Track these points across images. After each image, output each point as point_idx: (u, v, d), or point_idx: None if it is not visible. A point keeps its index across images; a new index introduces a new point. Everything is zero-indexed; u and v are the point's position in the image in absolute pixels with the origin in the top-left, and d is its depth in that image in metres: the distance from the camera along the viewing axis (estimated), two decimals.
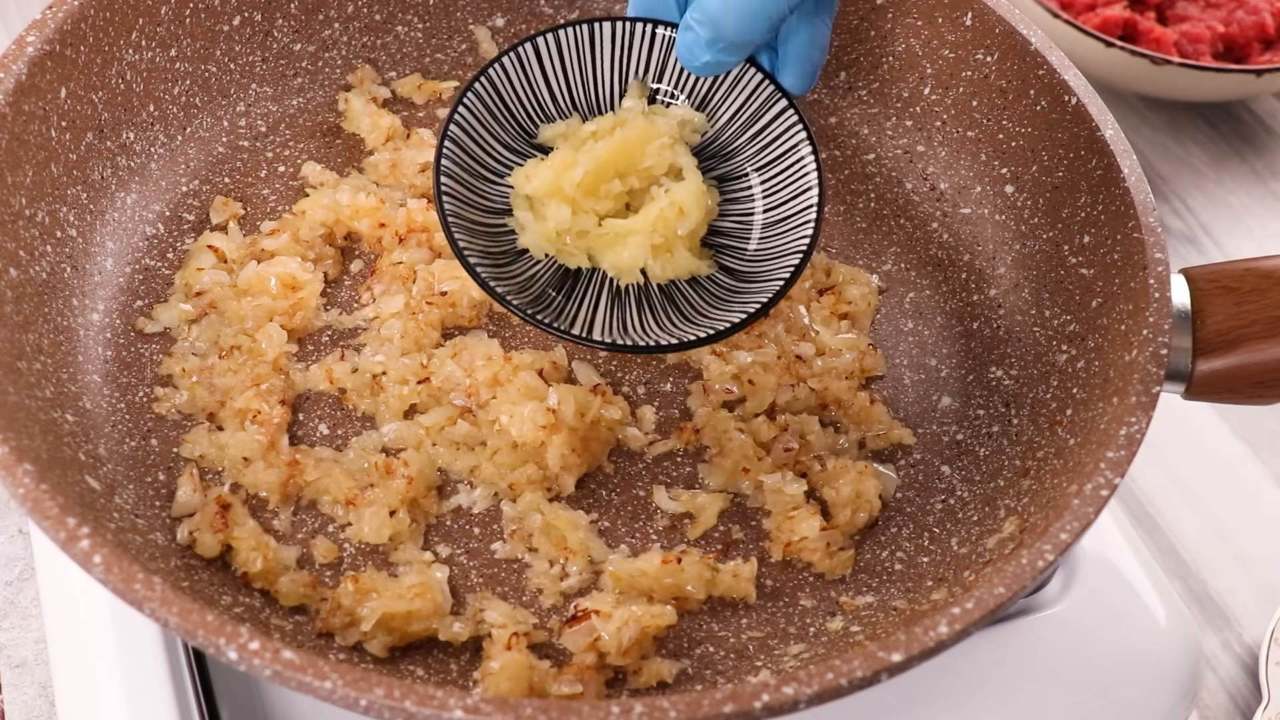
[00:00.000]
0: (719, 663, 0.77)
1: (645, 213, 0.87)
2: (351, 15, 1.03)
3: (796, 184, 0.87)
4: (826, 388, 0.89)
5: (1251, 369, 0.80)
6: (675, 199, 0.86)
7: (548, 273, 0.87)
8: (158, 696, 0.77)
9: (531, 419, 0.82)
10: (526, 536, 0.82)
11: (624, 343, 0.83)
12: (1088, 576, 0.88)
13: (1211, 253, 1.32)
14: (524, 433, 0.82)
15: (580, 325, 0.84)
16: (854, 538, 0.84)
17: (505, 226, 0.88)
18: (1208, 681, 1.02)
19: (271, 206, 0.96)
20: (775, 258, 0.86)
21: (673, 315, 0.86)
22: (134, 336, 0.88)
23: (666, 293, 0.87)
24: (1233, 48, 1.37)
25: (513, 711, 0.61)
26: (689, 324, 0.85)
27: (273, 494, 0.81)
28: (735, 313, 0.83)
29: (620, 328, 0.85)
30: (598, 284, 0.88)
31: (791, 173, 0.87)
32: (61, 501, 0.66)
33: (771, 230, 0.88)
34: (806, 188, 0.86)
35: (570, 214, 0.86)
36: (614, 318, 0.86)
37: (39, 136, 0.84)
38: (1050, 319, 0.89)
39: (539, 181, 0.87)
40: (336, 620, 0.75)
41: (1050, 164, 0.92)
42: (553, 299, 0.86)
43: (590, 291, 0.87)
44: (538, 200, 0.87)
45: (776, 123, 0.87)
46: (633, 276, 0.87)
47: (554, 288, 0.87)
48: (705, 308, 0.86)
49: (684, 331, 0.84)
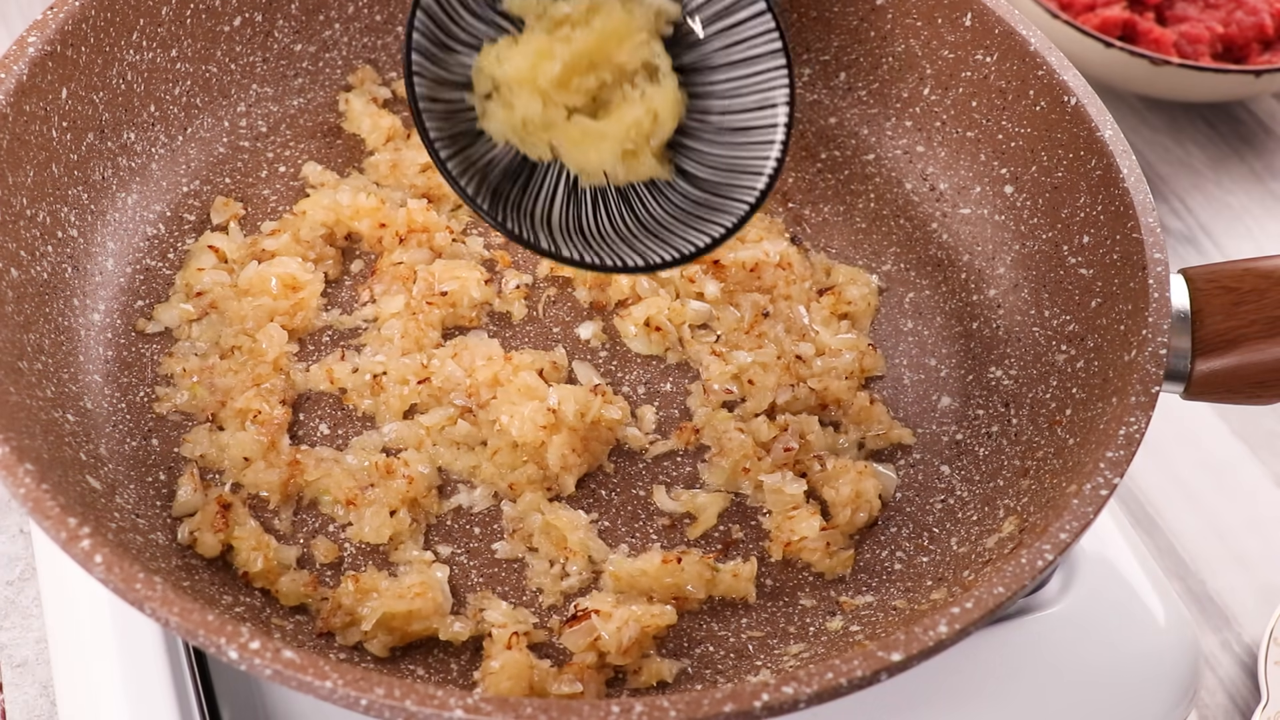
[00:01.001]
0: (719, 662, 0.77)
1: (620, 117, 0.84)
2: (352, 16, 1.03)
3: (765, 91, 0.84)
4: (826, 388, 0.89)
5: (1250, 369, 0.80)
6: (651, 106, 0.83)
7: (505, 159, 0.84)
8: (158, 696, 0.77)
9: (532, 419, 0.82)
10: (527, 536, 0.82)
11: (591, 260, 0.81)
12: (1087, 576, 0.88)
13: (1210, 253, 1.32)
14: (524, 433, 0.83)
15: (538, 220, 0.81)
16: (854, 538, 0.84)
17: (464, 102, 0.84)
18: (1207, 681, 1.02)
19: (272, 207, 0.96)
20: (739, 171, 0.84)
21: (629, 220, 0.84)
22: (135, 336, 0.88)
23: (624, 194, 0.85)
24: (1232, 48, 1.37)
25: (513, 711, 0.61)
26: (649, 236, 0.82)
27: (273, 494, 0.81)
28: (697, 232, 0.81)
29: (576, 226, 0.82)
30: (554, 177, 0.85)
31: (761, 77, 0.84)
32: (62, 501, 0.66)
33: (734, 137, 0.85)
34: (774, 101, 0.83)
35: (540, 107, 0.83)
36: (569, 215, 0.83)
37: (40, 137, 0.84)
38: (1050, 319, 0.89)
39: (511, 68, 0.83)
40: (337, 620, 0.76)
41: (1050, 164, 0.92)
42: (508, 192, 0.83)
43: (547, 186, 0.84)
44: (506, 86, 0.84)
45: (751, 23, 0.84)
46: (596, 178, 0.84)
47: (510, 178, 0.84)
48: (665, 218, 0.84)
49: (646, 248, 0.81)
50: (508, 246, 0.96)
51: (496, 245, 0.96)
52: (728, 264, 0.93)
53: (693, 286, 0.93)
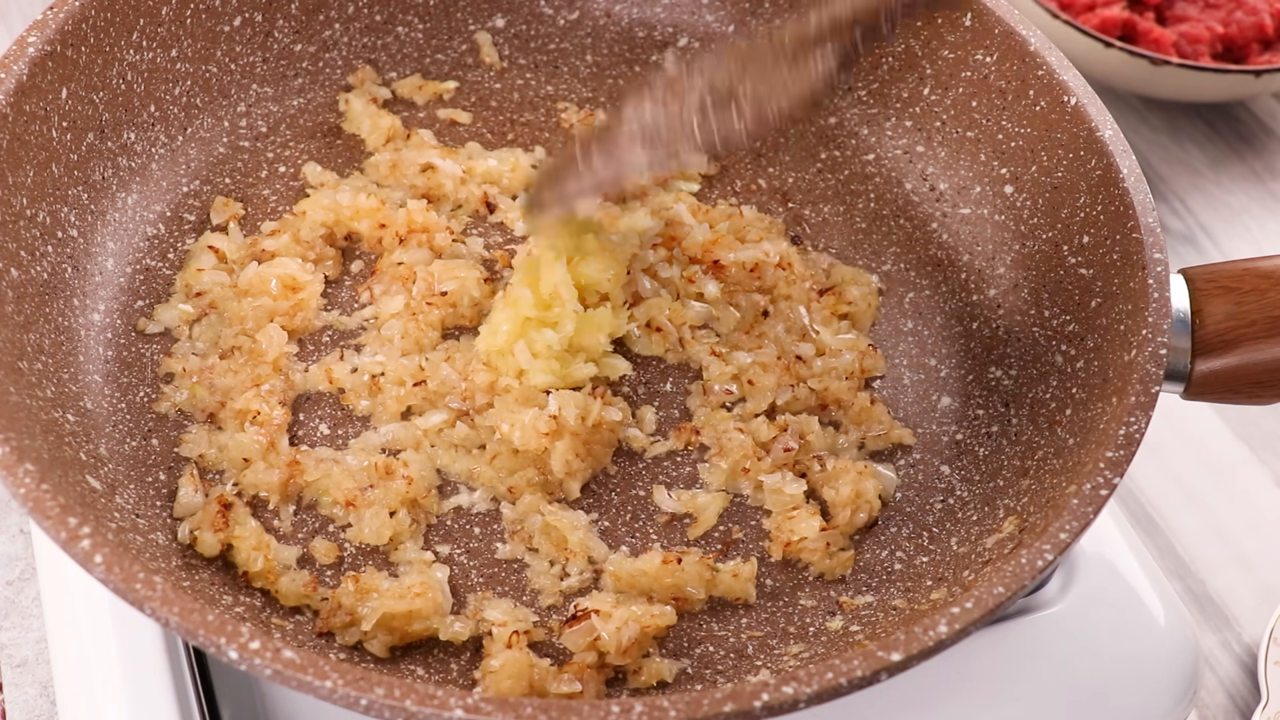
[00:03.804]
0: (719, 662, 0.77)
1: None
2: (352, 16, 1.03)
3: None
4: (826, 388, 0.89)
5: (1250, 369, 0.80)
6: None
7: None
8: (158, 696, 0.77)
9: (533, 426, 0.82)
10: (527, 537, 0.82)
11: None
12: (1087, 576, 0.88)
13: (1210, 253, 1.32)
14: (526, 440, 0.82)
15: None
16: (854, 538, 0.84)
17: None
18: (1207, 681, 1.02)
19: (272, 207, 0.96)
20: None
21: None
22: (135, 337, 0.88)
23: None
24: (1231, 48, 1.37)
25: (513, 711, 0.61)
26: None
27: (273, 494, 0.81)
28: None
29: None
30: None
31: None
32: (62, 501, 0.66)
33: None
34: None
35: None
36: None
37: (40, 137, 0.84)
38: (1050, 319, 0.89)
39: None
40: (337, 620, 0.75)
41: (1049, 164, 0.92)
42: None
43: None
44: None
45: None
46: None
47: None
48: None
49: None
50: (507, 246, 0.96)
51: (497, 245, 0.96)
52: (728, 264, 0.93)
53: (693, 287, 0.93)
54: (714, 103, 0.81)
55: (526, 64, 1.07)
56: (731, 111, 0.81)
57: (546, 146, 1.02)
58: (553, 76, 1.06)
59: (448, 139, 1.02)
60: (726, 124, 0.81)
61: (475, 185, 0.98)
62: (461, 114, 1.03)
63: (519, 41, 1.07)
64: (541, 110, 1.04)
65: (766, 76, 0.81)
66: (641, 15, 1.08)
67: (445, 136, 1.02)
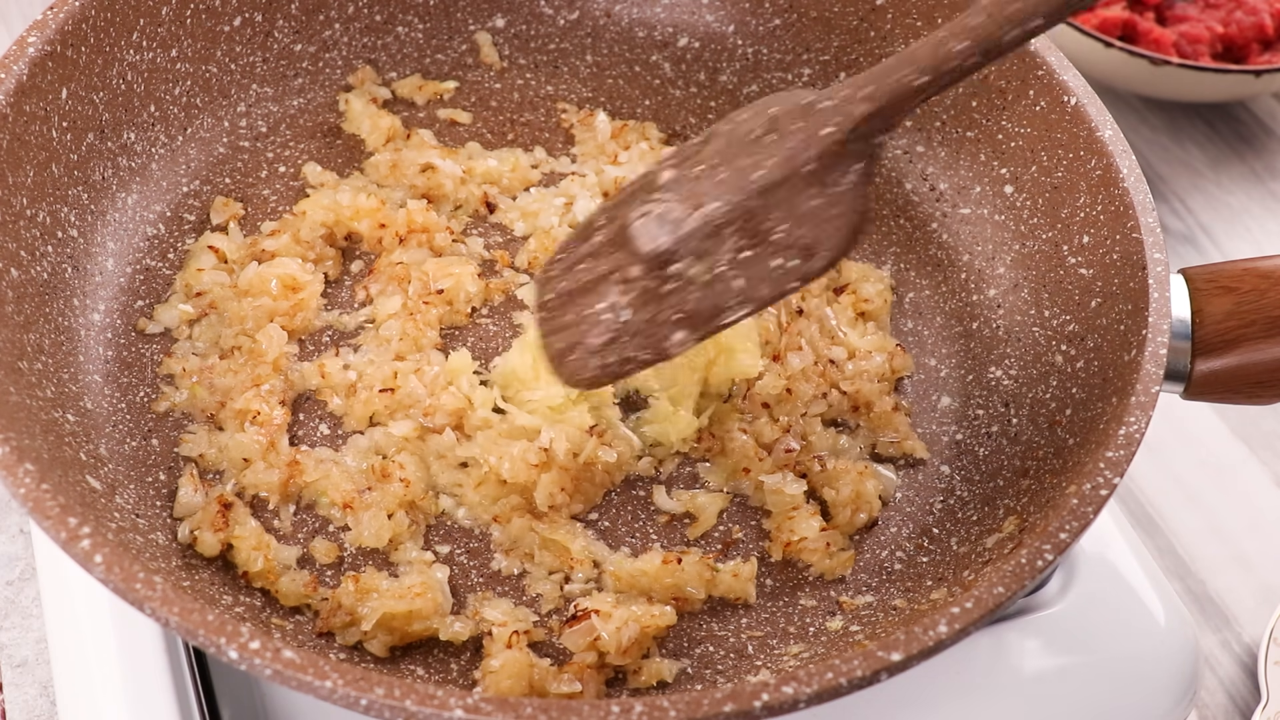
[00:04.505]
0: (719, 662, 0.77)
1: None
2: (352, 16, 1.03)
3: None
4: (859, 390, 0.88)
5: (1250, 369, 0.80)
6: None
7: None
8: (158, 696, 0.77)
9: (523, 458, 0.81)
10: (524, 555, 0.81)
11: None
12: (1087, 576, 0.88)
13: (1210, 253, 1.32)
14: (515, 473, 0.81)
15: None
16: (854, 538, 0.84)
17: None
18: (1207, 681, 1.02)
19: (272, 207, 0.96)
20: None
21: None
22: (135, 337, 0.88)
23: None
24: (1231, 48, 1.37)
25: (513, 711, 0.61)
26: None
27: (273, 494, 0.81)
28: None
29: None
30: None
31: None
32: (62, 501, 0.66)
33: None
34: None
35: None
36: None
37: (40, 137, 0.84)
38: (1049, 319, 0.89)
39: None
40: (337, 620, 0.75)
41: (1049, 164, 0.92)
42: None
43: None
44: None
45: None
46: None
47: None
48: None
49: None
50: (508, 246, 0.96)
51: (497, 245, 0.96)
52: None
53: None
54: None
55: (526, 64, 1.07)
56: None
57: (546, 147, 1.02)
58: (553, 76, 1.06)
59: (448, 139, 1.02)
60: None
61: (475, 185, 0.98)
62: (461, 114, 1.03)
63: (519, 41, 1.07)
64: (541, 110, 1.04)
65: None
66: (641, 15, 1.08)
67: (445, 136, 1.02)
